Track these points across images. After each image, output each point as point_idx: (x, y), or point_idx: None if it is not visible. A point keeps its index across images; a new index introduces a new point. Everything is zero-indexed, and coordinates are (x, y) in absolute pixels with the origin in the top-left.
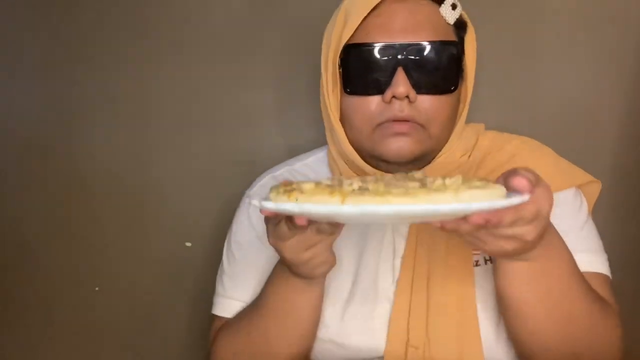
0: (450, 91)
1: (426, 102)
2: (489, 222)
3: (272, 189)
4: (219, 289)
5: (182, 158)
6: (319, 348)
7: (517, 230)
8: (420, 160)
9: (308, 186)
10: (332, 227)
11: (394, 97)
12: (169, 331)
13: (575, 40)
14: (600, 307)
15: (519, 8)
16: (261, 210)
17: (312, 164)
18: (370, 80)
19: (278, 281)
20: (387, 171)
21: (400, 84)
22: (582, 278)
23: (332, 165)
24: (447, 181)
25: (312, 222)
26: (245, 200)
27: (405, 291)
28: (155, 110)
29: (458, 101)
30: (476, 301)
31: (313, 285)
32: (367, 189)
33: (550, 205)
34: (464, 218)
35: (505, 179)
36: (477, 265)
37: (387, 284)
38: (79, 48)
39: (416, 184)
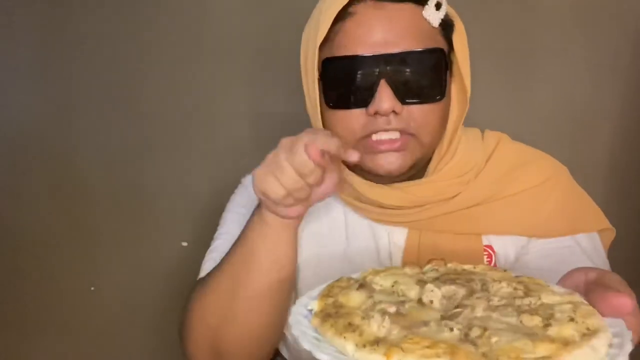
0: (436, 100)
1: (414, 111)
2: None
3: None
4: (206, 257)
5: (179, 157)
6: None
7: None
8: (413, 169)
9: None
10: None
11: (377, 112)
12: (165, 330)
13: (571, 41)
14: None
15: (515, 8)
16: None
17: None
18: (352, 94)
19: (252, 224)
20: (376, 182)
21: (384, 99)
22: None
23: None
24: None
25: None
26: (243, 182)
27: None
28: (152, 110)
29: (448, 104)
30: None
31: (289, 227)
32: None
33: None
34: None
35: (599, 293)
36: None
37: None
38: (76, 47)
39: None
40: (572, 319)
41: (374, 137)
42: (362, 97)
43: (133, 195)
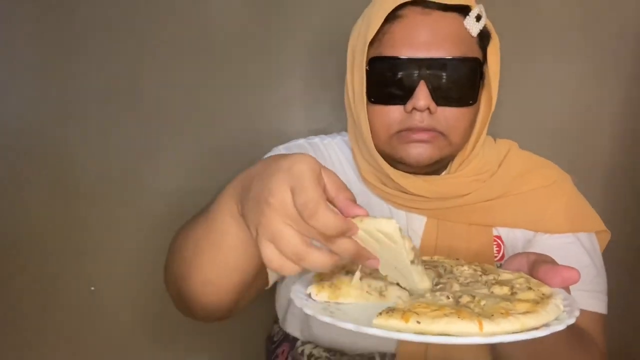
0: (469, 104)
1: (446, 112)
2: None
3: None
4: None
5: (180, 157)
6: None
7: None
8: (439, 163)
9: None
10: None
11: (414, 108)
12: (165, 331)
13: (572, 42)
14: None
15: (516, 11)
16: None
17: (339, 144)
18: (394, 91)
19: (225, 206)
20: (406, 172)
21: (422, 97)
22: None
23: (356, 156)
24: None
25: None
26: (274, 151)
27: None
28: (153, 110)
29: (478, 110)
30: None
31: None
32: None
33: None
34: None
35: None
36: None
37: None
38: (76, 46)
39: (450, 297)
40: (529, 288)
41: (405, 132)
42: (401, 95)
43: (134, 195)
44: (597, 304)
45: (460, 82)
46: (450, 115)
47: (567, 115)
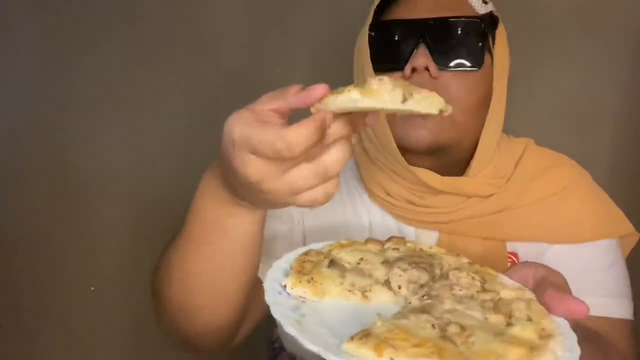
0: (472, 68)
1: (449, 80)
2: None
3: None
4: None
5: (181, 158)
6: None
7: None
8: (443, 151)
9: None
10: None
11: (413, 70)
12: None
13: (572, 42)
14: None
15: (515, 10)
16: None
17: None
18: (393, 56)
19: (206, 194)
20: (411, 162)
21: (420, 55)
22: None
23: (360, 164)
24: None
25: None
26: None
27: None
28: (153, 110)
29: (484, 87)
30: None
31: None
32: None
33: None
34: None
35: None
36: None
37: None
38: (77, 45)
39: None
40: (529, 319)
41: None
42: (402, 60)
43: (134, 195)
44: (620, 310)
45: (463, 42)
46: (452, 83)
47: (566, 116)
